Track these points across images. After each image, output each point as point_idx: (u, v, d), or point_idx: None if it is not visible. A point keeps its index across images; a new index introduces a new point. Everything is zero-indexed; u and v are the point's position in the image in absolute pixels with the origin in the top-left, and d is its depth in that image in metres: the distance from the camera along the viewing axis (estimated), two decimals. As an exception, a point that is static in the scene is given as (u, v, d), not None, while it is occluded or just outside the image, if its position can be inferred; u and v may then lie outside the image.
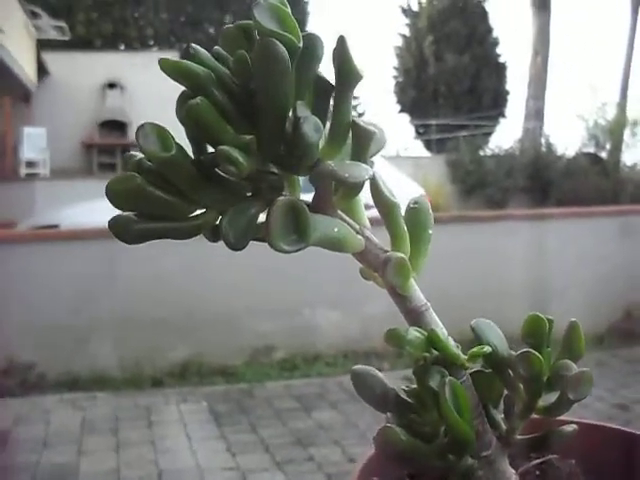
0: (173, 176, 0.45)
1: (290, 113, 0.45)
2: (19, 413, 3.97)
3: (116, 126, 14.77)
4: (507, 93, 21.58)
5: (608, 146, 14.23)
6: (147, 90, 13.85)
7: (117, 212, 0.47)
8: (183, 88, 0.46)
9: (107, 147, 14.79)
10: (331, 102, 0.48)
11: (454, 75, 20.80)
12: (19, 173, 12.49)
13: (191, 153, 0.47)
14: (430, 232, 0.53)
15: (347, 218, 0.50)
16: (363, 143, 0.48)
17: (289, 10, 0.46)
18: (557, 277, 5.41)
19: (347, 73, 0.47)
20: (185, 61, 0.45)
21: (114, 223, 0.46)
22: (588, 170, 13.15)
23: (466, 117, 19.39)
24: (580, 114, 14.66)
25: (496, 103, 21.00)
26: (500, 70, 21.46)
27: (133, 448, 3.52)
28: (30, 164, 12.71)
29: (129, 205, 0.46)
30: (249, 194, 0.47)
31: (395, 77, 22.12)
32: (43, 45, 14.03)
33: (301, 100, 0.46)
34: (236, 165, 0.43)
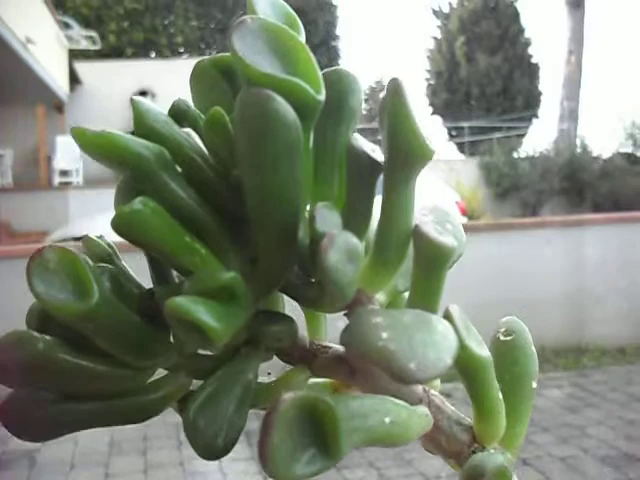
0: (103, 335, 0.27)
1: (305, 212, 0.27)
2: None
3: (147, 134, 14.79)
4: (540, 94, 21.23)
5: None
6: (177, 97, 13.84)
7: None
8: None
9: (139, 155, 14.78)
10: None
11: (486, 76, 20.52)
12: (52, 182, 12.56)
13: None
14: (535, 385, 0.34)
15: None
16: (432, 264, 0.28)
17: (300, 32, 0.28)
18: (597, 285, 5.24)
19: (410, 150, 0.26)
20: (113, 134, 0.26)
21: (8, 408, 0.28)
22: (626, 171, 12.83)
23: (499, 119, 19.10)
24: (617, 113, 14.37)
25: (529, 104, 20.66)
26: (533, 71, 21.11)
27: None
28: (63, 173, 12.79)
29: (31, 380, 0.27)
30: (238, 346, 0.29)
31: (427, 79, 21.89)
32: (75, 55, 14.15)
33: (323, 195, 0.28)
34: (207, 335, 0.24)
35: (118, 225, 0.24)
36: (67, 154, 12.83)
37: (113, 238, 0.32)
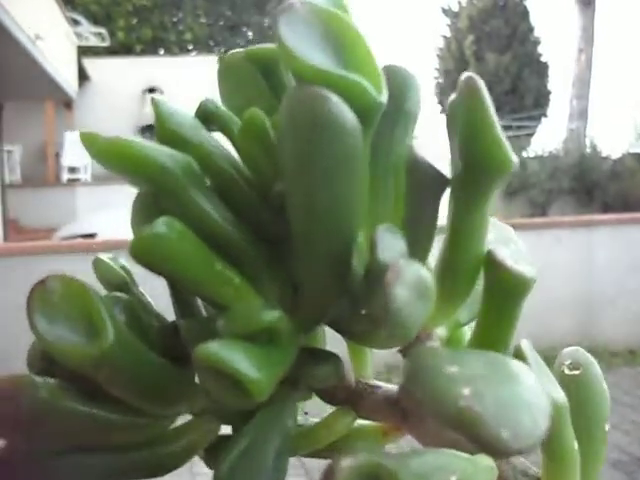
0: (119, 381, 0.23)
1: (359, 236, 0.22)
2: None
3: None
4: (549, 93, 21.11)
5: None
6: (186, 94, 13.92)
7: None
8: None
9: (147, 152, 14.78)
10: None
11: (495, 75, 20.42)
12: (61, 179, 12.55)
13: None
14: (607, 427, 0.29)
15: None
16: (508, 297, 0.23)
17: (352, 18, 0.23)
18: (607, 287, 5.19)
19: (490, 162, 0.22)
20: (129, 141, 0.22)
21: (3, 462, 0.24)
22: (636, 171, 12.74)
23: (508, 118, 18.99)
24: (627, 113, 14.33)
25: (538, 103, 20.55)
26: (542, 69, 20.99)
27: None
28: (72, 169, 12.77)
29: (32, 431, 0.23)
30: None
31: (435, 78, 21.81)
32: (84, 52, 14.13)
33: (378, 214, 0.24)
34: (246, 389, 0.20)
35: (138, 251, 0.20)
36: (75, 151, 12.82)
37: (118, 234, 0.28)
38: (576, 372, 0.31)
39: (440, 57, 21.87)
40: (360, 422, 0.28)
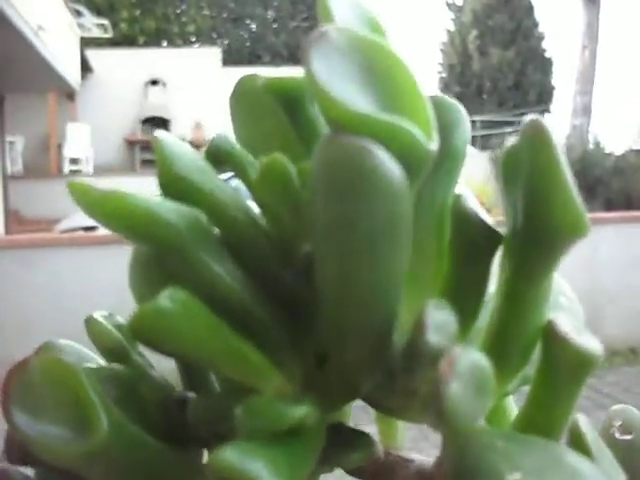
0: (115, 477, 0.19)
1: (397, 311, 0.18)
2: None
3: (158, 123, 14.75)
4: (553, 88, 21.04)
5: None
6: (189, 86, 13.88)
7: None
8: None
9: (149, 144, 14.76)
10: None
11: (499, 70, 20.35)
12: (63, 170, 12.50)
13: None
14: None
15: None
16: (569, 375, 0.20)
17: (391, 42, 0.19)
18: (609, 284, 5.17)
19: (561, 226, 0.19)
20: (127, 195, 0.19)
21: None
22: (639, 168, 12.69)
23: (511, 113, 18.93)
24: (631, 110, 14.31)
25: (542, 99, 20.48)
26: (546, 65, 20.91)
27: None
28: (74, 161, 12.72)
29: None
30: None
31: (439, 72, 21.74)
32: (87, 43, 14.06)
33: (420, 278, 0.20)
34: None
35: (138, 329, 0.17)
36: (78, 142, 12.78)
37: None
38: (628, 437, 0.27)
39: (443, 51, 21.77)
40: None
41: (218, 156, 0.21)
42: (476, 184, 11.31)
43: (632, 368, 4.66)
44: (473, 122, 19.37)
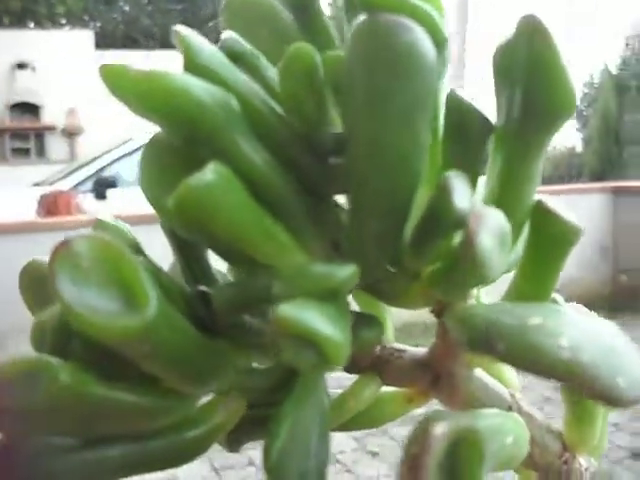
0: (159, 358, 0.19)
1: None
2: None
3: (28, 109, 14.02)
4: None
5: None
6: (60, 71, 13.27)
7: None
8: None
9: (20, 131, 14.01)
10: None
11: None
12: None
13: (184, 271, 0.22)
14: None
15: (490, 383, 0.25)
16: (556, 247, 0.22)
17: None
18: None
19: (553, 104, 0.21)
20: (168, 75, 0.18)
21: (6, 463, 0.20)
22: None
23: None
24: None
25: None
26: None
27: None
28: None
29: (46, 424, 0.19)
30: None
31: None
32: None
33: (443, 164, 0.21)
34: (328, 353, 0.17)
35: (184, 204, 0.17)
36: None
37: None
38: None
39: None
40: (384, 389, 0.26)
41: (232, 56, 0.22)
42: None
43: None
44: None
